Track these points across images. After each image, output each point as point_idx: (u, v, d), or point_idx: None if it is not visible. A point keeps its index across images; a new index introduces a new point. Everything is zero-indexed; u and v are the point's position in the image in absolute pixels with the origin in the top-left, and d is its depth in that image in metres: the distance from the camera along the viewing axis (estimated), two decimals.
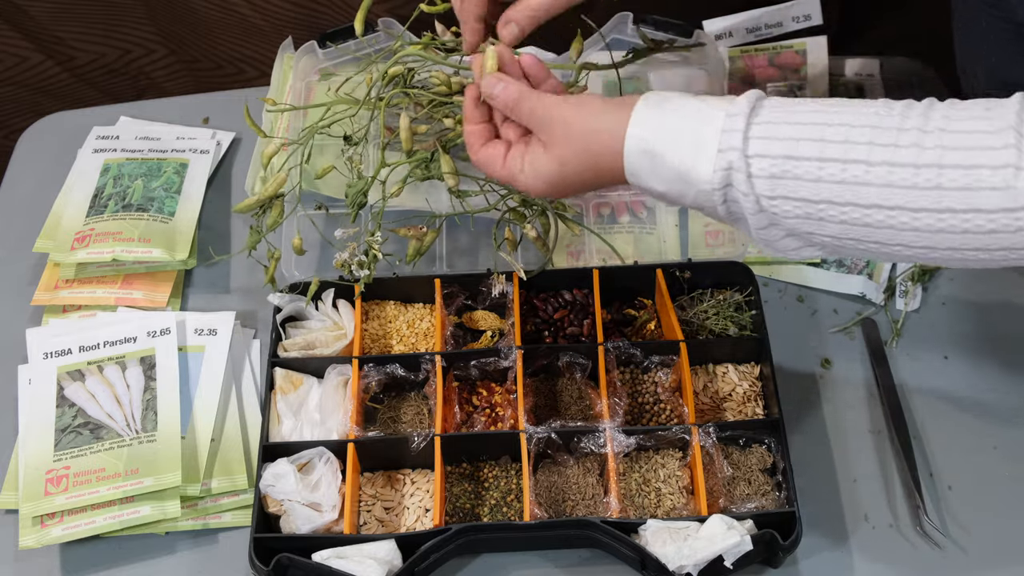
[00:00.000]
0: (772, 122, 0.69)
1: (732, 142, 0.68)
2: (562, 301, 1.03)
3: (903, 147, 0.65)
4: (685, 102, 0.72)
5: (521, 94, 0.77)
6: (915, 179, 0.65)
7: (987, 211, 0.64)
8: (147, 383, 0.99)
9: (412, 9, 0.98)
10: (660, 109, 0.72)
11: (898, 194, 0.65)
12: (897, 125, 0.66)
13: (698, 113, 0.71)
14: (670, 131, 0.71)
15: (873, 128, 0.66)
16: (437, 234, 0.98)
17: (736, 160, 0.68)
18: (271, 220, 0.96)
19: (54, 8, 1.41)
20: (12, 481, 0.96)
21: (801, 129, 0.68)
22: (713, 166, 0.69)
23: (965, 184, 0.64)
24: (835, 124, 0.68)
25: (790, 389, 0.99)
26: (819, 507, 0.93)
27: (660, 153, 0.71)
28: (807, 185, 0.68)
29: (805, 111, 0.69)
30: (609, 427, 0.92)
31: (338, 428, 0.95)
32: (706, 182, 0.70)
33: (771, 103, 0.70)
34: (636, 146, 0.72)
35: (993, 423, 0.98)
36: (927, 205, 0.65)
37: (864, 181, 0.66)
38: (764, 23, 1.23)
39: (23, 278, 1.12)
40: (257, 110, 1.17)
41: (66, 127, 1.24)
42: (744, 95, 0.71)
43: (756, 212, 0.70)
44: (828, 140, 0.67)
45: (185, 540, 0.94)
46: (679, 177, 0.71)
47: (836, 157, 0.67)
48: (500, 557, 0.92)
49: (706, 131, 0.70)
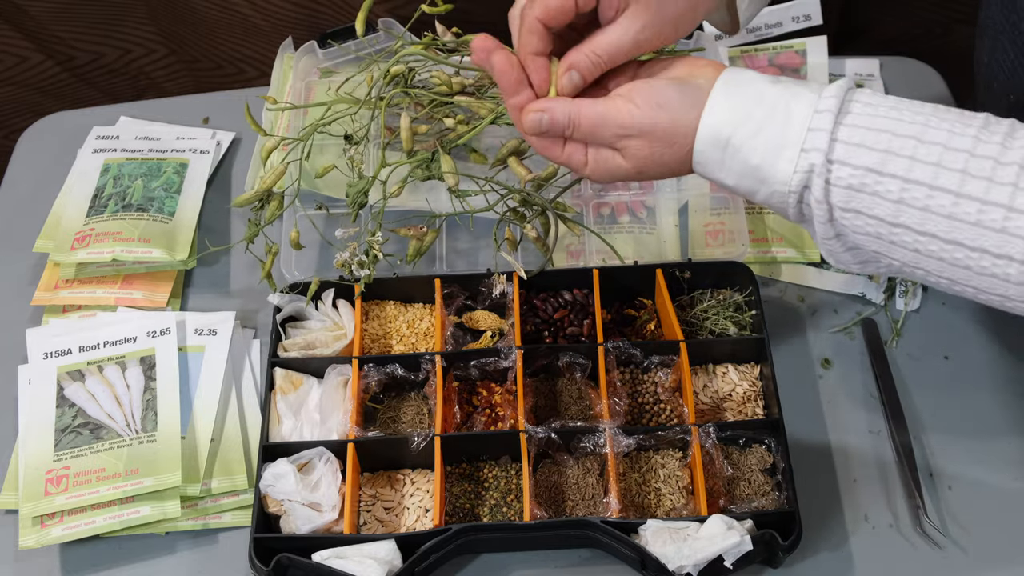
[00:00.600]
0: (862, 127, 0.63)
1: (817, 143, 0.63)
2: (562, 301, 1.03)
3: (998, 184, 0.59)
4: (767, 88, 0.66)
5: (591, 122, 0.69)
6: (1005, 223, 0.59)
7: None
8: (147, 383, 0.99)
9: (413, 9, 0.98)
10: (739, 96, 0.66)
11: (984, 236, 0.60)
12: (996, 156, 0.60)
13: (782, 104, 0.65)
14: (749, 122, 0.65)
15: (969, 155, 0.61)
16: (437, 234, 0.98)
17: (819, 163, 0.63)
18: (269, 213, 0.96)
19: (54, 8, 1.41)
20: (12, 481, 0.96)
21: (892, 140, 0.62)
22: (795, 167, 0.64)
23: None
24: (928, 142, 0.62)
25: (790, 389, 0.99)
26: (819, 507, 0.93)
27: (736, 146, 0.66)
28: (886, 205, 0.63)
29: (899, 120, 0.63)
30: (609, 427, 0.92)
31: (338, 428, 0.95)
32: (783, 183, 0.65)
33: (862, 100, 0.65)
34: (709, 135, 0.67)
35: (993, 423, 0.98)
36: (1014, 254, 0.60)
37: (949, 214, 0.61)
38: (764, 23, 1.23)
39: (23, 278, 1.12)
40: (257, 110, 1.17)
41: (66, 127, 1.24)
42: (835, 85, 0.65)
43: (826, 221, 0.66)
44: (918, 159, 0.61)
45: (185, 540, 0.94)
46: (753, 173, 0.66)
47: (924, 180, 0.61)
48: (500, 557, 0.92)
49: (790, 127, 0.64)
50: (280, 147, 1.01)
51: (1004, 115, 0.64)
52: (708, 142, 0.67)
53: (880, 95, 0.66)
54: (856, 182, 0.63)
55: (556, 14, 0.69)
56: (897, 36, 1.52)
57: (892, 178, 0.62)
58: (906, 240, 0.63)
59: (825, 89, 0.65)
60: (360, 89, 1.00)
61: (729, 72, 0.69)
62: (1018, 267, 0.61)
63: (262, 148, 1.00)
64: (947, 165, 0.61)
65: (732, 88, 0.67)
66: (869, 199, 0.63)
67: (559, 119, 0.70)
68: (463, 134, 0.94)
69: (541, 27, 0.69)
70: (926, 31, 1.51)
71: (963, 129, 0.62)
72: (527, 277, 0.99)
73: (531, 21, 0.69)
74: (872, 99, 0.65)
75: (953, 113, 0.64)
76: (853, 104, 0.65)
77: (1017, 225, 0.59)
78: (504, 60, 0.71)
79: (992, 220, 0.60)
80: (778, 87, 0.66)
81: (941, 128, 0.62)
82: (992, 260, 0.61)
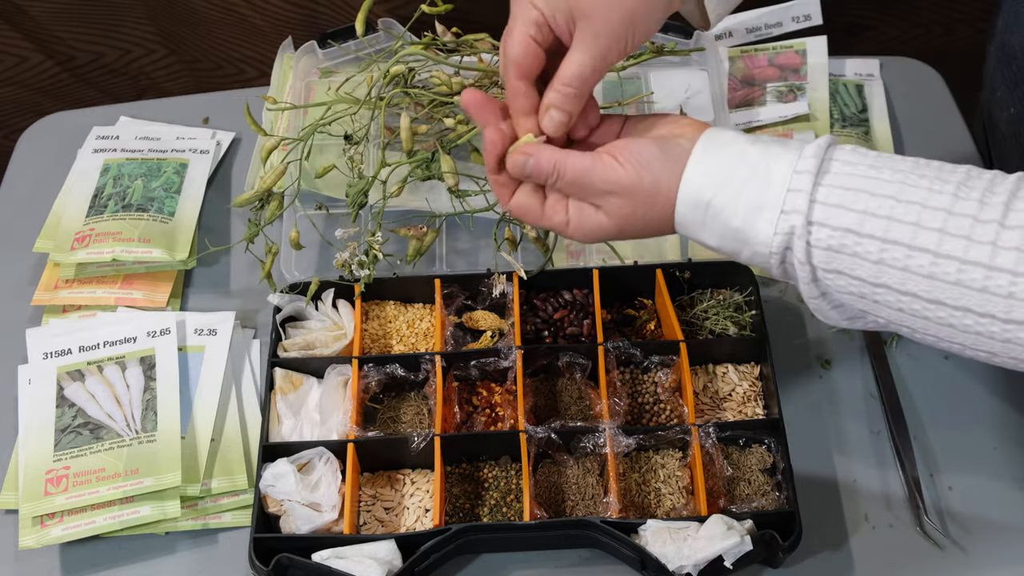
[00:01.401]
0: (840, 187, 0.63)
1: (797, 204, 0.63)
2: (562, 301, 1.03)
3: (976, 243, 0.59)
4: (747, 149, 0.66)
5: (576, 173, 0.69)
6: (986, 282, 0.59)
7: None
8: (147, 383, 0.99)
9: (412, 9, 0.98)
10: (719, 156, 0.67)
11: (966, 295, 0.60)
12: (974, 214, 0.60)
13: (762, 165, 0.65)
14: (730, 184, 0.65)
15: (948, 214, 0.60)
16: (437, 234, 0.98)
17: (799, 225, 0.63)
18: (269, 213, 0.96)
19: (54, 8, 1.41)
20: (12, 481, 0.96)
21: (870, 200, 0.62)
22: (775, 228, 0.64)
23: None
24: (906, 201, 0.61)
25: (790, 389, 0.99)
26: (819, 507, 0.93)
27: (717, 208, 0.66)
28: (866, 265, 0.63)
29: (877, 178, 0.63)
30: (609, 427, 0.92)
31: (338, 428, 0.95)
32: (764, 244, 0.65)
33: (841, 158, 0.64)
34: (690, 197, 0.67)
35: (993, 423, 0.98)
36: (996, 313, 0.59)
37: (929, 274, 0.60)
38: (764, 23, 1.23)
39: (23, 278, 1.12)
40: (257, 110, 1.17)
41: (66, 127, 1.24)
42: (815, 144, 0.65)
43: (810, 281, 0.66)
44: (896, 219, 0.61)
45: (185, 540, 0.94)
46: (734, 235, 0.66)
47: (902, 241, 0.61)
48: (500, 557, 0.92)
49: (770, 188, 0.64)
50: (280, 147, 1.01)
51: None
52: (689, 204, 0.67)
53: (861, 151, 0.65)
54: (836, 243, 0.63)
55: (526, 63, 0.69)
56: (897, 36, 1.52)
57: (871, 239, 0.62)
58: (889, 299, 0.63)
59: (806, 148, 0.65)
60: (360, 89, 1.00)
61: (710, 132, 0.69)
62: (1001, 326, 0.60)
63: (262, 148, 1.00)
64: (925, 224, 0.61)
65: (712, 148, 0.67)
66: (849, 260, 0.63)
67: (544, 166, 0.70)
68: (463, 134, 0.94)
69: (523, 86, 0.70)
70: (926, 31, 1.51)
71: (942, 186, 0.62)
72: (527, 277, 0.99)
73: (512, 84, 0.70)
74: (852, 156, 0.65)
75: (932, 168, 0.63)
76: (833, 163, 0.65)
77: (998, 284, 0.59)
78: (493, 133, 0.71)
79: (972, 280, 0.60)
80: (758, 147, 0.66)
81: (919, 186, 0.62)
82: (975, 319, 0.61)
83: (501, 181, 0.73)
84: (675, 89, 1.16)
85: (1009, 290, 0.59)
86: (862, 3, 1.47)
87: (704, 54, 1.14)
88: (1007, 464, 0.95)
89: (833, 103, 1.19)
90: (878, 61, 1.24)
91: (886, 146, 1.16)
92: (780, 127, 1.18)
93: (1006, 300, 0.59)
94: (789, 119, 1.18)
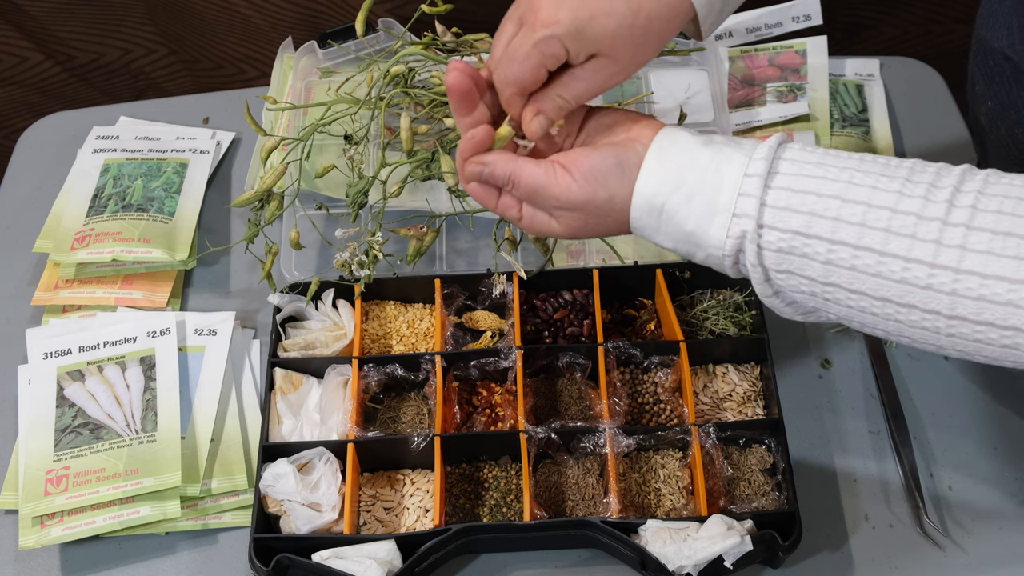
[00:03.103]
0: (788, 188, 0.64)
1: (747, 208, 0.64)
2: (562, 301, 1.03)
3: (920, 241, 0.60)
4: (699, 152, 0.67)
5: (529, 188, 0.70)
6: (930, 280, 0.60)
7: (1000, 327, 0.59)
8: (147, 383, 0.99)
9: (412, 9, 0.98)
10: (672, 160, 0.67)
11: (911, 292, 0.61)
12: (918, 211, 0.61)
13: (712, 168, 0.66)
14: (682, 188, 0.66)
15: (892, 212, 0.61)
16: (437, 234, 0.98)
17: (750, 229, 0.64)
18: (269, 213, 0.96)
19: (54, 8, 1.41)
20: (12, 481, 0.96)
21: (816, 201, 0.63)
22: (727, 232, 0.65)
23: (979, 295, 0.59)
24: (852, 201, 0.62)
25: (790, 389, 0.99)
26: (819, 507, 0.93)
27: (670, 213, 0.67)
28: (816, 266, 0.64)
29: (823, 178, 0.64)
30: (609, 427, 0.92)
31: (338, 428, 0.95)
32: (717, 247, 0.66)
33: (789, 157, 0.65)
34: (644, 203, 0.68)
35: (993, 424, 0.98)
36: (940, 309, 0.61)
37: (876, 272, 0.62)
38: (764, 23, 1.23)
39: (23, 278, 1.12)
40: (257, 110, 1.18)
41: (66, 127, 1.24)
42: (766, 144, 0.66)
43: (762, 282, 0.67)
44: (843, 220, 0.62)
45: (185, 540, 0.94)
46: (688, 238, 0.67)
47: (849, 241, 0.62)
48: (500, 557, 0.92)
49: (721, 193, 0.65)
50: (280, 147, 1.01)
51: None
52: (643, 209, 0.68)
53: (809, 149, 0.66)
54: (785, 245, 0.64)
55: (530, 86, 0.70)
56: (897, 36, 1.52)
57: (819, 240, 0.63)
58: (839, 297, 0.65)
59: (756, 149, 0.66)
60: (360, 89, 1.00)
61: (662, 135, 0.69)
62: (946, 321, 0.61)
63: (262, 148, 1.00)
64: (871, 224, 0.62)
65: (665, 152, 0.68)
66: (799, 261, 0.64)
67: (499, 176, 0.72)
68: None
69: (517, 100, 0.71)
70: (926, 31, 1.51)
71: (887, 184, 0.63)
72: (527, 277, 0.99)
73: (507, 97, 0.71)
74: (799, 155, 0.66)
75: (878, 164, 0.64)
76: (781, 163, 0.65)
77: (941, 282, 0.60)
78: (465, 139, 0.72)
79: (916, 278, 0.61)
80: (710, 150, 0.67)
81: (864, 184, 0.63)
82: (921, 315, 0.62)
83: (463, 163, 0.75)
84: (675, 89, 1.16)
85: (952, 287, 0.60)
86: (862, 3, 1.47)
87: (704, 54, 1.14)
88: (1007, 464, 0.95)
89: (833, 103, 1.19)
90: (878, 61, 1.24)
91: (886, 146, 1.16)
92: (780, 127, 1.18)
93: (949, 297, 0.60)
94: (789, 119, 1.18)
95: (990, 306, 0.59)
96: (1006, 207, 0.60)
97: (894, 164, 0.64)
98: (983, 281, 0.59)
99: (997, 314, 0.59)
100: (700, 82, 1.16)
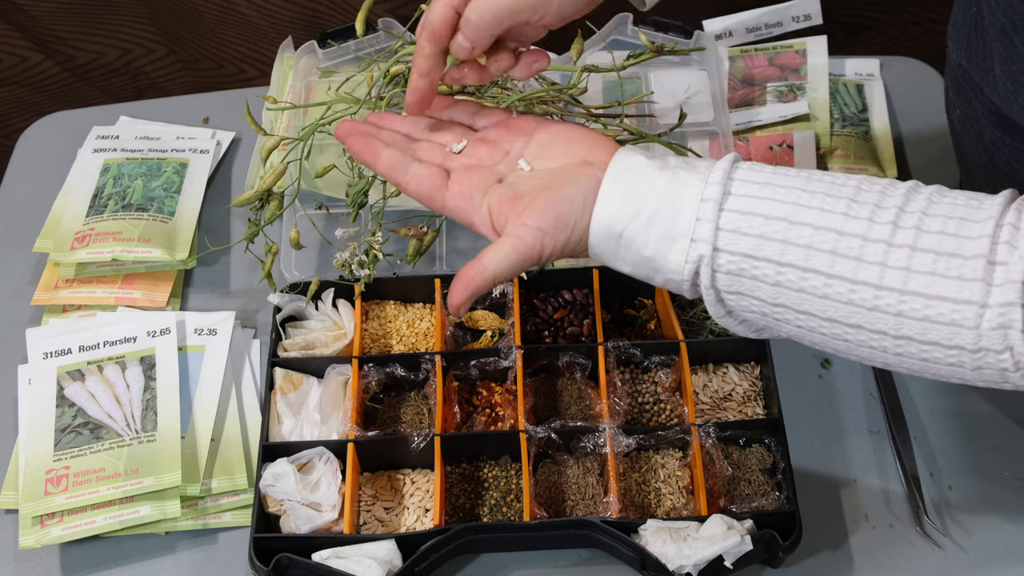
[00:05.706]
0: (739, 211, 0.64)
1: (704, 233, 0.65)
2: (562, 301, 1.03)
3: (866, 263, 0.61)
4: (656, 177, 0.67)
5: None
6: (876, 301, 0.61)
7: (945, 347, 0.60)
8: (147, 383, 0.99)
9: (412, 9, 0.98)
10: (629, 186, 0.67)
11: (858, 313, 0.62)
12: (863, 233, 0.61)
13: (670, 193, 0.66)
14: (640, 215, 0.66)
15: (839, 235, 0.62)
16: (437, 234, 0.98)
17: (707, 254, 0.65)
18: (269, 213, 0.96)
19: (54, 8, 1.42)
20: (12, 481, 0.96)
21: (764, 224, 0.64)
22: (686, 257, 0.66)
23: (925, 316, 0.60)
24: (799, 223, 0.63)
25: (790, 389, 0.99)
26: (819, 507, 0.93)
27: (628, 239, 0.67)
28: (764, 287, 0.64)
29: (771, 199, 0.64)
30: (609, 427, 0.92)
31: (338, 428, 0.95)
32: (676, 272, 0.66)
33: (739, 178, 0.65)
34: (602, 229, 0.68)
35: (993, 423, 0.98)
36: (887, 329, 0.62)
37: (823, 294, 0.62)
38: (764, 23, 1.24)
39: (23, 278, 1.12)
40: (257, 110, 1.18)
41: (66, 127, 1.24)
42: (719, 167, 0.66)
43: (715, 302, 0.67)
44: (790, 242, 0.63)
45: (185, 540, 0.94)
46: (647, 263, 0.68)
47: (796, 264, 0.63)
48: (500, 557, 0.92)
49: (679, 218, 0.65)
50: (280, 147, 1.01)
51: None
52: (601, 236, 0.68)
53: (757, 168, 0.66)
54: (735, 268, 0.65)
55: (440, 30, 0.71)
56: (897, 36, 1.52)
57: (767, 262, 0.64)
58: (788, 318, 0.65)
59: (712, 173, 0.66)
60: (360, 89, 1.00)
61: (618, 159, 0.69)
62: (892, 341, 0.62)
63: (262, 148, 1.00)
64: (817, 247, 0.62)
65: (622, 177, 0.68)
66: (749, 283, 0.65)
67: (455, 301, 0.75)
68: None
69: (429, 47, 0.72)
70: (926, 31, 1.51)
71: (832, 204, 0.63)
72: (527, 277, 0.99)
73: (420, 44, 0.73)
74: (747, 175, 0.66)
75: (824, 184, 0.64)
76: (733, 184, 0.65)
77: (887, 303, 0.61)
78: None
79: (863, 299, 0.62)
80: (667, 174, 0.67)
81: (811, 206, 0.63)
82: (868, 335, 0.63)
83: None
84: (675, 89, 1.16)
85: (898, 308, 0.61)
86: (862, 3, 1.47)
87: (704, 54, 1.14)
88: (1007, 464, 0.95)
89: (833, 103, 1.19)
90: (878, 61, 1.24)
91: (886, 146, 1.16)
92: (780, 127, 1.18)
93: (895, 318, 0.61)
94: (789, 119, 1.18)
95: (935, 326, 0.60)
96: (949, 227, 0.60)
97: (840, 183, 0.64)
98: (928, 302, 0.60)
99: (942, 334, 0.60)
100: (700, 82, 1.16)
